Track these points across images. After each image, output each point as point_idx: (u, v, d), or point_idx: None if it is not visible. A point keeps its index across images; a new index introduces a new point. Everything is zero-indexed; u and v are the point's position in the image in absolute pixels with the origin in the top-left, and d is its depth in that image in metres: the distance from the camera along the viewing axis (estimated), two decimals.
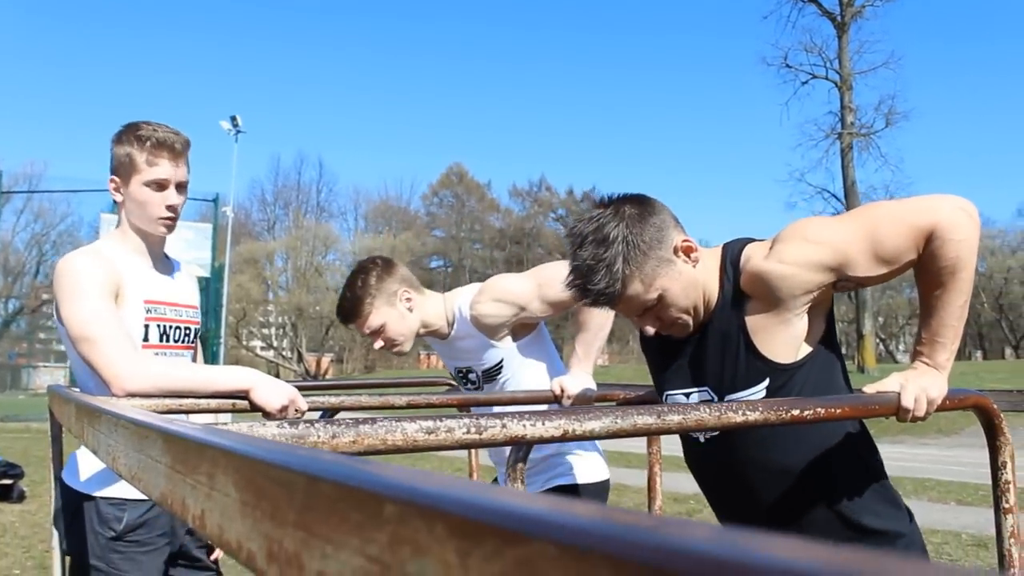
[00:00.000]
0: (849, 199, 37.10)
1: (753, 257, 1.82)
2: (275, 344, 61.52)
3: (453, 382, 3.98)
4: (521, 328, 2.87)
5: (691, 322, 1.89)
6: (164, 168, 2.25)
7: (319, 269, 59.02)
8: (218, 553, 2.48)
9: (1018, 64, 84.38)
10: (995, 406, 1.88)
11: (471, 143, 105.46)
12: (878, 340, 47.33)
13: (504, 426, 1.16)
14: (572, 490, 2.83)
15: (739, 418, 1.41)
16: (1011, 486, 1.87)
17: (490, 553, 0.26)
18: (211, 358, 24.26)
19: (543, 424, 1.20)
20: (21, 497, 8.30)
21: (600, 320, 2.75)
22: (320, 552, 0.39)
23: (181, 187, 2.30)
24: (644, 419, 1.30)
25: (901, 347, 59.89)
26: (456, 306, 2.91)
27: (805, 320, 1.81)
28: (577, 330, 2.80)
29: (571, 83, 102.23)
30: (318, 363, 57.15)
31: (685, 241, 1.86)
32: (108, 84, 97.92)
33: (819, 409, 1.52)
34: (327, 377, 54.78)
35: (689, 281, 1.85)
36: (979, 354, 55.16)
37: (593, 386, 2.74)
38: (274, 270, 61.15)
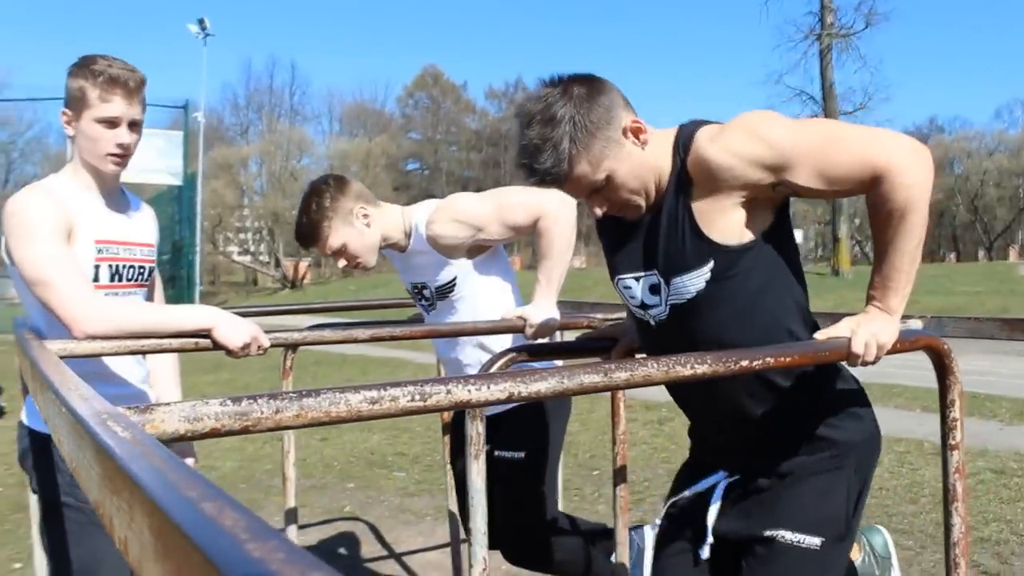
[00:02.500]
0: (827, 101, 36.85)
1: (700, 140, 1.80)
2: (252, 249, 61.21)
3: None
4: (477, 248, 2.87)
5: (643, 203, 1.87)
6: (116, 105, 2.20)
7: (294, 173, 58.32)
8: None
9: None
10: (946, 347, 1.91)
11: (446, 44, 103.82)
12: (854, 242, 47.52)
13: (449, 392, 1.17)
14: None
15: (687, 371, 1.43)
16: (958, 423, 1.91)
17: None
18: (187, 266, 24.14)
19: (488, 388, 1.21)
20: (0, 413, 8.33)
21: (560, 247, 2.75)
22: None
23: (134, 125, 2.25)
24: (591, 378, 1.31)
25: None
26: (414, 221, 2.90)
27: (748, 210, 1.80)
28: (539, 259, 2.80)
29: None
30: (296, 268, 56.91)
31: (635, 122, 1.84)
32: None
33: (768, 358, 1.54)
34: (305, 282, 54.77)
35: (638, 162, 1.83)
36: (953, 256, 55.64)
37: (556, 315, 2.76)
38: (248, 175, 60.41)
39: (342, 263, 2.92)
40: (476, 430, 2.01)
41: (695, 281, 1.84)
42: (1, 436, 7.39)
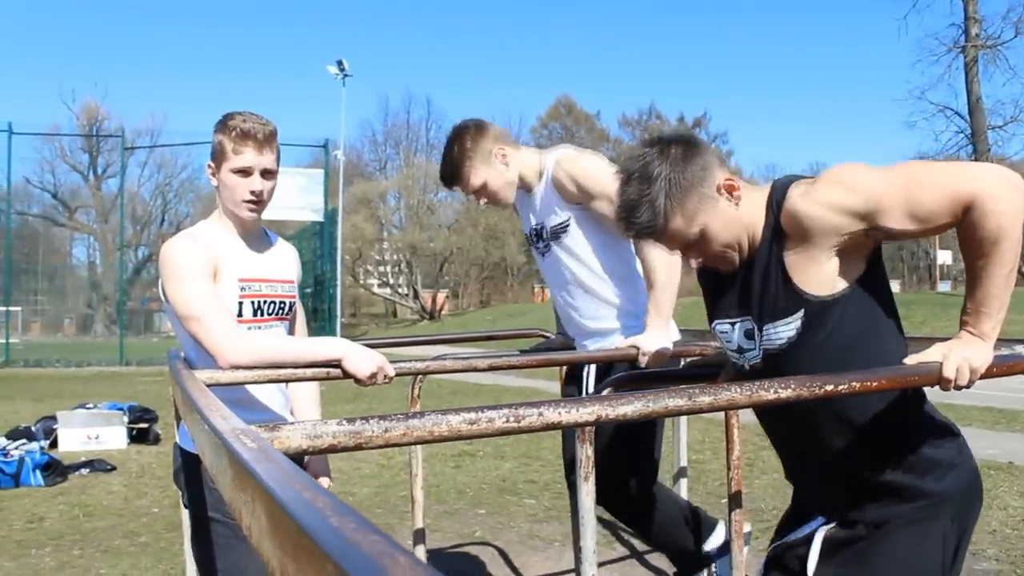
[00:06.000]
0: (974, 116, 35.48)
1: (793, 195, 1.87)
2: (391, 282, 62.89)
3: (547, 334, 4.15)
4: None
5: (735, 257, 1.97)
6: (248, 156, 2.43)
7: (431, 207, 59.80)
8: None
9: None
10: None
11: (579, 73, 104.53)
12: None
13: (541, 414, 1.30)
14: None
15: (770, 395, 1.51)
16: None
17: None
18: (328, 299, 25.06)
19: (577, 411, 1.33)
20: (156, 439, 8.88)
21: (664, 278, 2.86)
22: None
23: (267, 173, 2.47)
24: (675, 401, 1.42)
25: None
26: (547, 163, 3.09)
27: (839, 259, 1.86)
28: (648, 288, 2.92)
29: (679, 8, 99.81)
30: (433, 299, 58.21)
31: (728, 180, 1.94)
32: (217, 34, 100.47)
33: (854, 383, 1.60)
34: (443, 313, 55.92)
35: (731, 218, 1.93)
36: None
37: (669, 344, 2.85)
38: (387, 209, 62.25)
39: (483, 201, 3.16)
40: (585, 453, 2.13)
41: (786, 329, 1.92)
42: (157, 461, 7.91)
